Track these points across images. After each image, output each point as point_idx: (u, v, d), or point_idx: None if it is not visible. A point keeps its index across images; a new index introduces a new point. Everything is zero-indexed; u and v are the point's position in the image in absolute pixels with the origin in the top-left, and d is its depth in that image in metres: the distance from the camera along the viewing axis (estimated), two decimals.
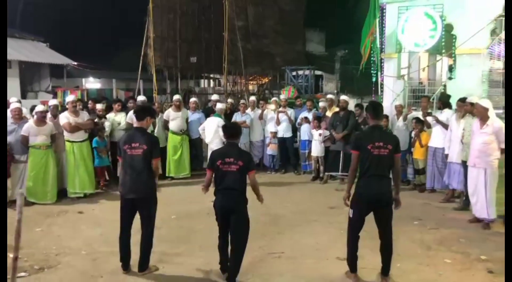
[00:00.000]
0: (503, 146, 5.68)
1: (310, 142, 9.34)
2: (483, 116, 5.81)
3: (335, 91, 23.35)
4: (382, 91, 14.31)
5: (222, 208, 4.30)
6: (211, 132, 8.56)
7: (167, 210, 5.38)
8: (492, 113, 5.88)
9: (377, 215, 4.28)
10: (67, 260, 4.93)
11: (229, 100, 11.36)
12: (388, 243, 4.26)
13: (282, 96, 10.58)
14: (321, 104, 9.99)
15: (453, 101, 7.85)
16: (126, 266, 4.59)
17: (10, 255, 4.80)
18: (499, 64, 13.53)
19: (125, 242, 4.61)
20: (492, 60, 13.24)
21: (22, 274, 4.52)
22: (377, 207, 4.23)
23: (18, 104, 7.83)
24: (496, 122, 5.79)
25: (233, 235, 4.32)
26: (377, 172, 4.17)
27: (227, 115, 9.72)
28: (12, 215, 6.43)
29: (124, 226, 4.66)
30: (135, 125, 4.88)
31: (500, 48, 13.05)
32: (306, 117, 9.50)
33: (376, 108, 4.44)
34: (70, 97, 8.00)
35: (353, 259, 4.32)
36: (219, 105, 9.19)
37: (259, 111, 10.07)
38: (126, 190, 4.59)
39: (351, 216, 4.34)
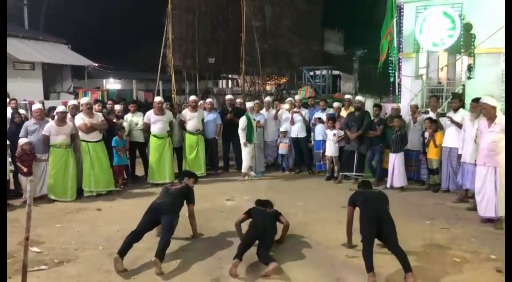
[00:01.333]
0: None
1: (324, 141, 9.39)
2: (491, 115, 5.81)
3: (353, 91, 23.28)
4: (400, 91, 14.25)
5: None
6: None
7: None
8: (499, 111, 5.88)
9: (382, 233, 4.53)
10: (85, 255, 5.12)
11: (241, 100, 11.51)
12: (401, 254, 4.35)
13: (297, 97, 10.63)
14: (335, 104, 10.02)
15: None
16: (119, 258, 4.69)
17: (32, 249, 5.07)
18: None
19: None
20: None
21: (43, 267, 4.74)
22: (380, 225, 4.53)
23: (39, 105, 8.15)
24: (504, 120, 5.77)
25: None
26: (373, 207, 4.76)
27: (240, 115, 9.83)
28: (35, 211, 6.73)
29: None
30: None
31: None
32: (319, 118, 9.55)
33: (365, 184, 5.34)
34: (84, 99, 8.26)
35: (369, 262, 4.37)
36: (248, 104, 9.75)
37: (274, 111, 10.17)
38: None
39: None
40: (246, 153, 9.24)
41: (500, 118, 5.82)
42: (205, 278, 4.46)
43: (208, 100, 10.38)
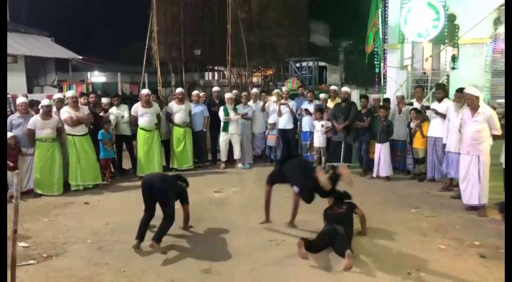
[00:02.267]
0: (495, 132, 5.86)
1: (311, 133, 9.45)
2: (474, 105, 5.91)
3: (339, 82, 23.38)
4: (385, 82, 14.37)
5: None
6: None
7: None
8: (482, 101, 6.00)
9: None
10: (73, 249, 5.10)
11: (234, 91, 11.50)
12: None
13: (284, 88, 10.66)
14: (321, 95, 10.08)
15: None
16: (138, 244, 4.95)
17: (20, 244, 5.04)
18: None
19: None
20: (496, 54, 13.17)
21: (31, 261, 4.71)
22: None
23: (24, 99, 8.04)
24: (487, 110, 5.93)
25: None
26: None
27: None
28: (21, 205, 6.66)
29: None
30: None
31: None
32: (306, 109, 9.60)
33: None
34: (69, 93, 8.17)
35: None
36: (227, 95, 9.84)
37: (261, 103, 10.18)
38: None
39: None
40: (222, 141, 9.67)
41: (483, 108, 5.93)
42: (195, 269, 4.48)
43: (195, 92, 10.34)
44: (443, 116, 7.43)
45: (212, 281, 4.24)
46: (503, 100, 12.94)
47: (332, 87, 11.07)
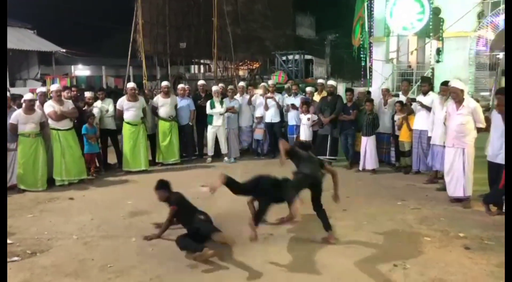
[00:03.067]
0: (479, 125, 5.95)
1: (298, 126, 9.45)
2: (459, 98, 5.97)
3: (325, 75, 23.44)
4: (371, 75, 14.46)
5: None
6: None
7: None
8: (467, 94, 6.06)
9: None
10: (58, 245, 5.03)
11: (220, 84, 11.45)
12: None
13: (270, 82, 10.64)
14: (307, 89, 10.09)
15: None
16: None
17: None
18: (491, 35, 13.52)
19: None
20: (485, 29, 13.20)
21: (15, 258, 4.63)
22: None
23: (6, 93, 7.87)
24: (471, 103, 6.00)
25: None
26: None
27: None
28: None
29: None
30: None
31: (498, 19, 12.94)
32: (293, 104, 9.59)
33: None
34: (54, 86, 8.03)
35: None
36: (213, 88, 9.74)
37: (248, 96, 10.15)
38: None
39: None
40: (208, 134, 9.64)
41: (468, 101, 6.00)
42: (182, 264, 4.45)
43: (180, 86, 10.24)
44: (428, 109, 7.49)
45: (199, 276, 4.22)
46: (487, 93, 13.17)
47: (320, 80, 11.09)
